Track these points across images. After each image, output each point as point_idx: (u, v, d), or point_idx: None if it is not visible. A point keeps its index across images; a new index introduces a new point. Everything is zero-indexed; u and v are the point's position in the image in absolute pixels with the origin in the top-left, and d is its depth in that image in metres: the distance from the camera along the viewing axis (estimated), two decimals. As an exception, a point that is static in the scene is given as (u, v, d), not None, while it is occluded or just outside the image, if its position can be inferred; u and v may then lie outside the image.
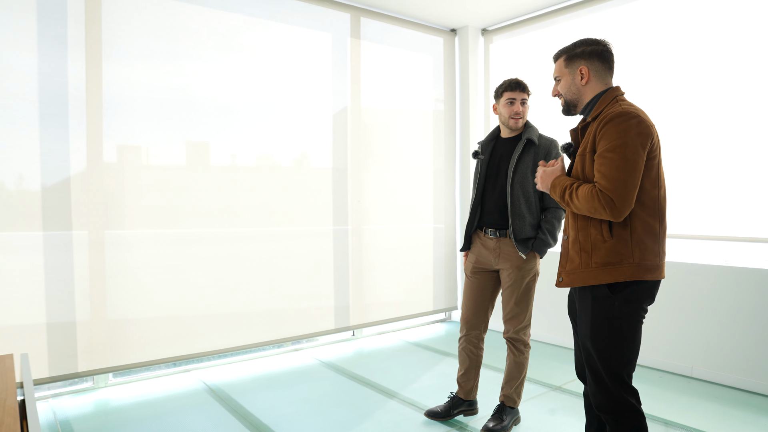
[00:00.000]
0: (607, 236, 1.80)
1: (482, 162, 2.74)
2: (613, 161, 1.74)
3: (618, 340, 1.81)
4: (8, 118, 3.03)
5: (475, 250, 2.77)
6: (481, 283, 2.76)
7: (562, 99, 2.00)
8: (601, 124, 1.80)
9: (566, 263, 1.93)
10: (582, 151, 1.88)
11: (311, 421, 2.84)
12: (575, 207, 1.85)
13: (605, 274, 1.80)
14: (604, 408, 1.84)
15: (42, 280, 3.15)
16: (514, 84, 2.64)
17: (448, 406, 2.84)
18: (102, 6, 3.29)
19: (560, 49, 2.00)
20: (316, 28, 4.20)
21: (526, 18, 4.63)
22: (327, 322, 4.31)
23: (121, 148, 3.40)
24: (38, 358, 3.12)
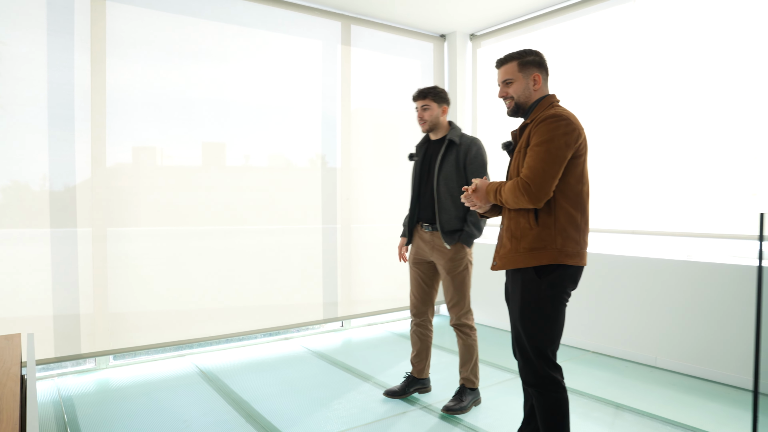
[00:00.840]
0: (534, 224, 2.01)
1: (416, 163, 3.02)
2: (538, 154, 1.96)
3: (543, 321, 2.01)
4: (19, 123, 3.33)
5: (414, 242, 3.05)
6: (423, 273, 3.05)
7: (511, 101, 2.16)
8: (535, 123, 2.03)
9: (500, 249, 2.14)
10: (519, 148, 2.10)
11: (288, 399, 3.10)
12: (505, 201, 2.06)
13: (531, 258, 2.00)
14: (530, 381, 2.06)
15: (49, 270, 3.46)
16: (416, 93, 2.93)
17: (404, 385, 3.12)
18: (107, 17, 3.58)
19: (508, 54, 2.17)
20: (308, 36, 4.45)
21: (513, 23, 4.82)
22: (315, 313, 4.56)
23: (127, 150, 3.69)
24: (45, 340, 3.42)
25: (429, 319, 3.11)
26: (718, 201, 3.50)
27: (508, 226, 2.10)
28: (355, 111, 4.75)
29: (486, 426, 2.73)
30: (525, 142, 2.05)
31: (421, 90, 2.92)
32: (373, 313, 4.88)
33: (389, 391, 3.13)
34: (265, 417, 2.86)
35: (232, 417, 2.86)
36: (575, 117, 2.03)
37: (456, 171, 2.84)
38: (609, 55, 4.10)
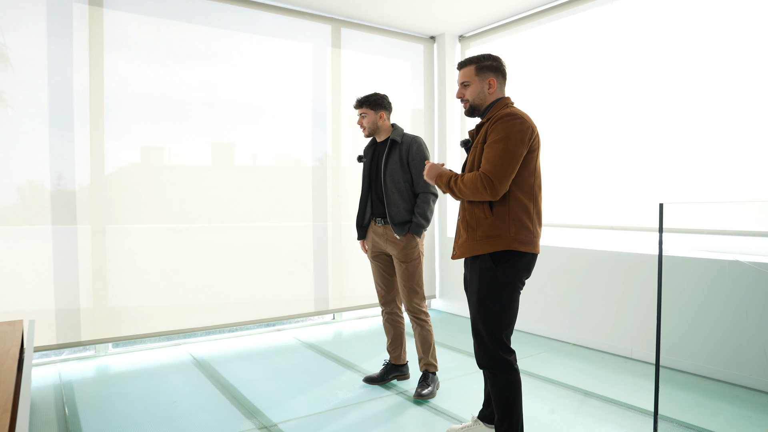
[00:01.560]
0: (488, 214, 2.14)
1: (366, 164, 3.24)
2: (497, 150, 2.09)
3: (498, 307, 2.15)
4: (23, 124, 3.54)
5: (369, 237, 3.22)
6: (382, 264, 3.24)
7: (466, 103, 2.30)
8: (491, 122, 2.16)
9: (458, 239, 2.28)
10: (475, 144, 2.23)
11: (273, 385, 3.28)
12: (459, 191, 2.19)
13: (487, 245, 2.14)
14: (484, 363, 2.21)
15: (51, 263, 3.66)
16: (354, 103, 3.16)
17: (383, 372, 3.30)
18: (104, 23, 3.78)
19: (467, 58, 2.31)
20: (298, 40, 4.63)
21: (501, 24, 4.96)
22: (307, 306, 4.74)
23: (123, 149, 3.89)
24: (47, 328, 3.63)
25: (398, 307, 3.29)
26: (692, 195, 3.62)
27: (464, 217, 2.24)
28: (345, 111, 4.92)
29: (453, 409, 2.88)
30: (482, 139, 2.18)
31: (358, 99, 3.14)
32: (363, 307, 5.05)
33: (368, 378, 3.29)
34: (249, 399, 3.04)
35: (218, 399, 3.04)
36: (528, 116, 2.18)
37: (401, 167, 3.05)
38: (591, 55, 4.23)
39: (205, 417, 2.79)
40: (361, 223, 3.24)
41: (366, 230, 3.23)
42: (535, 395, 3.09)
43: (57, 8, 3.62)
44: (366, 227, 3.23)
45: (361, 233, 3.25)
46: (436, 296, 5.51)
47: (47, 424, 2.73)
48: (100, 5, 3.76)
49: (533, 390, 3.17)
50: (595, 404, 2.94)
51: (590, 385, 3.25)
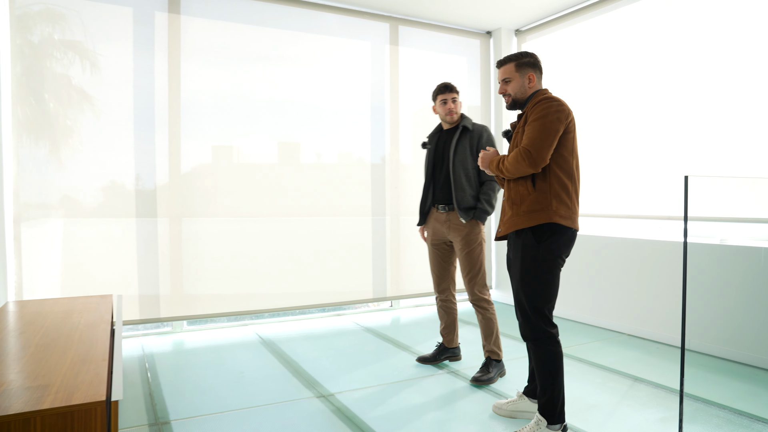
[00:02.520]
0: (531, 190, 2.28)
1: (429, 151, 3.31)
2: (535, 127, 2.25)
3: (540, 282, 2.28)
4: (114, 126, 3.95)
5: (430, 224, 3.31)
6: (440, 252, 3.33)
7: (509, 97, 2.46)
8: (531, 106, 2.34)
9: (503, 216, 2.42)
10: (518, 130, 2.39)
11: (331, 361, 3.50)
12: (506, 170, 2.33)
13: (530, 219, 2.27)
14: (528, 336, 2.34)
15: (135, 252, 4.06)
16: (443, 87, 3.20)
17: (436, 353, 3.44)
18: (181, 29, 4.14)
19: (507, 56, 2.47)
20: (357, 38, 4.84)
21: (557, 17, 4.97)
22: (366, 293, 4.95)
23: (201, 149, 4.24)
24: (131, 305, 4.03)
25: (452, 293, 3.40)
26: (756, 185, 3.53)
27: (509, 195, 2.38)
28: (402, 107, 5.09)
29: (508, 390, 2.99)
30: (523, 123, 2.35)
31: (450, 85, 3.21)
32: (419, 295, 5.21)
33: (421, 358, 3.44)
34: (308, 373, 3.27)
35: (280, 372, 3.29)
36: (565, 102, 2.31)
37: (470, 154, 3.14)
38: (646, 45, 4.18)
39: (269, 385, 3.05)
40: (423, 209, 3.33)
41: (426, 217, 3.33)
42: (583, 378, 3.14)
43: (141, 17, 4.01)
44: (427, 214, 3.32)
45: (422, 219, 3.34)
46: (492, 287, 5.58)
47: (133, 384, 3.07)
48: (177, 12, 4.13)
49: (581, 374, 3.22)
50: (643, 389, 2.96)
51: (640, 371, 3.26)
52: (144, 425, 2.53)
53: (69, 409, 1.67)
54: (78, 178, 3.89)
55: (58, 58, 3.84)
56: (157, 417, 2.62)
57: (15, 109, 3.70)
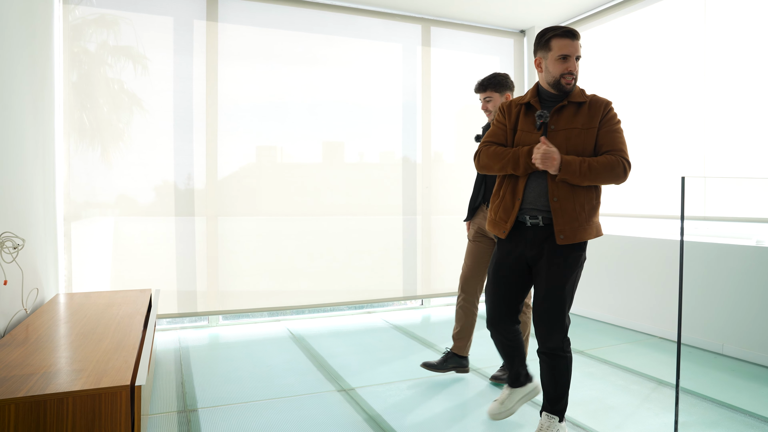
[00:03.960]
0: (595, 201, 2.18)
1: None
2: (622, 134, 2.15)
3: (575, 290, 2.23)
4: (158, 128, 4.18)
5: (477, 220, 3.12)
6: (481, 248, 3.09)
7: (573, 81, 2.16)
8: (600, 106, 2.16)
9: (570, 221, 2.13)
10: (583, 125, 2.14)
11: (357, 357, 3.59)
12: (595, 176, 2.08)
13: (593, 231, 2.16)
14: (557, 345, 2.20)
15: (174, 248, 4.28)
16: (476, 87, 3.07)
17: (443, 360, 3.14)
18: (218, 35, 4.33)
19: (577, 31, 2.16)
20: (389, 40, 4.92)
21: (590, 14, 4.89)
22: (396, 291, 5.03)
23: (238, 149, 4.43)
24: (170, 299, 4.25)
25: (477, 296, 3.12)
26: None
27: (577, 199, 2.13)
28: (434, 108, 5.13)
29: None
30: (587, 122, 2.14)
31: (481, 83, 3.02)
32: (450, 294, 5.24)
33: (427, 363, 3.14)
34: (333, 367, 3.38)
35: (307, 366, 3.41)
36: None
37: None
38: (678, 41, 4.07)
39: (294, 379, 3.17)
40: (472, 205, 3.17)
41: (474, 213, 3.16)
42: (605, 380, 3.11)
43: (181, 25, 4.22)
44: (476, 209, 3.14)
45: (469, 215, 3.18)
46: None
47: (167, 373, 3.26)
48: (215, 20, 4.32)
49: (603, 375, 3.19)
50: (667, 392, 2.91)
51: (666, 374, 3.20)
52: (174, 412, 2.69)
53: (97, 391, 1.82)
54: (125, 178, 4.14)
55: (111, 64, 4.09)
56: (186, 405, 2.78)
57: (72, 114, 3.97)
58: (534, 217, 2.19)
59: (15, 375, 1.95)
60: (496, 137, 2.31)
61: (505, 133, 2.30)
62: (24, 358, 2.14)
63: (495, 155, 2.25)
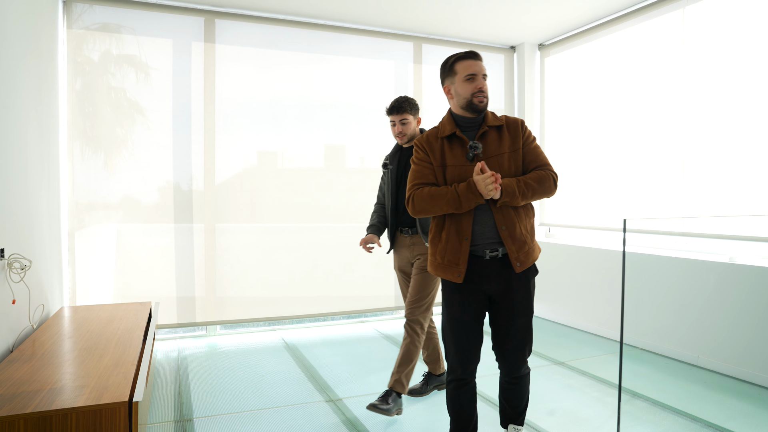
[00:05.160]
0: (534, 220, 2.20)
1: (391, 171, 3.04)
2: (540, 148, 2.19)
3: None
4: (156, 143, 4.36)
5: (398, 252, 3.10)
6: (407, 278, 3.11)
7: (485, 99, 2.13)
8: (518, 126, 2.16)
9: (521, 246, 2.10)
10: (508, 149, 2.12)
11: (346, 367, 3.76)
12: (532, 193, 2.07)
13: (538, 249, 2.18)
14: (526, 371, 2.25)
15: (173, 256, 4.46)
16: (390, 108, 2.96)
17: (424, 383, 3.21)
18: (216, 59, 4.51)
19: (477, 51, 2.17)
20: (381, 58, 5.09)
21: (580, 31, 5.04)
22: (387, 302, 5.20)
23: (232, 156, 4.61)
24: (169, 309, 4.42)
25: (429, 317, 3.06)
26: (762, 206, 3.55)
27: (524, 223, 2.13)
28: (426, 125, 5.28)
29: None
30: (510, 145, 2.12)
31: (397, 104, 2.89)
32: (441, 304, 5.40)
33: (412, 390, 3.16)
34: (323, 377, 3.55)
35: (298, 376, 3.58)
36: None
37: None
38: (664, 59, 4.23)
39: (284, 389, 3.34)
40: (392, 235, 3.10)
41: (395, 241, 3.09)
42: (581, 392, 3.27)
43: (180, 47, 4.40)
44: (394, 238, 3.09)
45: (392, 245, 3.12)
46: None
47: (166, 383, 3.43)
48: (213, 41, 4.49)
49: (580, 387, 3.35)
50: (640, 405, 3.07)
51: (641, 387, 3.35)
52: (170, 422, 2.86)
53: (98, 407, 1.99)
54: (126, 186, 4.32)
55: (113, 73, 4.28)
56: (183, 415, 2.95)
57: (76, 122, 4.15)
58: (493, 250, 2.10)
59: (23, 391, 2.13)
60: (425, 177, 2.15)
61: (433, 171, 2.15)
62: (31, 375, 2.32)
63: (431, 197, 2.08)
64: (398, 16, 4.77)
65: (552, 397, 3.19)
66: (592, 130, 4.95)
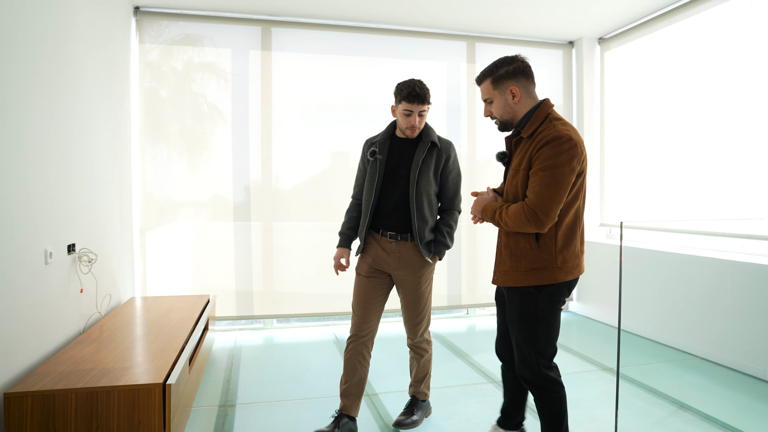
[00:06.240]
0: (534, 245, 2.03)
1: (379, 162, 2.58)
2: (543, 179, 1.94)
3: (542, 329, 2.09)
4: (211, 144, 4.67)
5: (371, 251, 2.64)
6: (377, 285, 2.64)
7: (497, 120, 2.15)
8: (537, 146, 1.98)
9: (500, 264, 2.17)
10: (516, 166, 2.08)
11: (388, 363, 3.84)
12: (504, 224, 2.07)
13: (533, 278, 2.04)
14: (531, 381, 2.14)
15: (232, 252, 4.75)
16: (413, 95, 2.46)
17: (333, 427, 2.58)
18: (272, 62, 4.75)
19: (481, 72, 2.13)
20: (433, 59, 5.12)
21: (642, 22, 4.80)
22: (440, 300, 5.22)
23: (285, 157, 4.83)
24: (229, 302, 4.71)
25: (371, 342, 2.68)
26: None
27: (507, 243, 2.13)
28: (480, 127, 5.26)
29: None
30: (525, 162, 2.04)
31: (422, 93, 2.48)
32: (492, 305, 5.34)
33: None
34: (363, 372, 3.65)
35: (341, 369, 3.70)
36: (576, 132, 2.01)
37: (434, 177, 2.58)
38: (733, 48, 3.95)
39: (326, 381, 3.47)
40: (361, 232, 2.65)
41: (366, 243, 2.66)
42: (623, 401, 3.14)
43: (239, 54, 4.68)
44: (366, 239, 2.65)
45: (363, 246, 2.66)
46: (573, 299, 5.53)
47: (219, 370, 3.68)
48: (269, 49, 4.73)
49: (624, 396, 3.22)
50: (686, 418, 2.91)
51: (691, 398, 3.17)
52: (215, 406, 3.07)
53: (137, 387, 2.21)
54: (192, 188, 4.66)
55: (195, 80, 4.65)
56: (228, 400, 3.16)
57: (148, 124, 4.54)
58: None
59: (80, 369, 2.39)
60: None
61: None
62: (90, 355, 2.59)
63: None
64: (452, 16, 4.78)
65: (593, 402, 3.10)
66: (654, 126, 4.70)
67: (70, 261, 2.96)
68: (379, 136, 2.66)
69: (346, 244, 2.74)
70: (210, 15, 4.59)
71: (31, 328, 2.51)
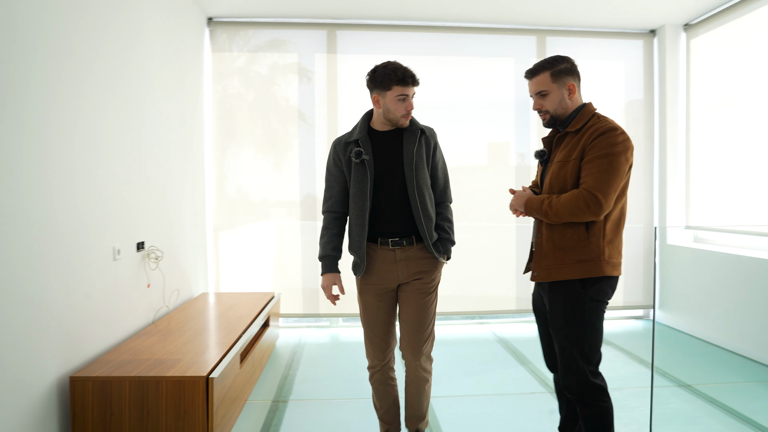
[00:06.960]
0: (584, 236, 1.99)
1: (367, 163, 2.25)
2: (601, 165, 1.94)
3: (588, 331, 2.01)
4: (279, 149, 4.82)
5: (375, 270, 2.30)
6: (389, 305, 2.36)
7: (546, 114, 2.12)
8: (592, 136, 1.98)
9: (541, 260, 2.09)
10: (564, 158, 2.06)
11: (445, 366, 3.77)
12: (555, 213, 2.00)
13: (580, 270, 1.99)
14: (575, 390, 2.04)
15: (299, 250, 4.88)
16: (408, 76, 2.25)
17: None
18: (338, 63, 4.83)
19: (539, 64, 2.10)
20: (500, 56, 4.97)
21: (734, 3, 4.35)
22: (508, 304, 5.05)
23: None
24: (295, 300, 4.85)
25: (393, 365, 2.46)
26: None
27: (550, 236, 2.07)
28: (549, 118, 5.03)
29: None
30: (577, 153, 2.01)
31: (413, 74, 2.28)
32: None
33: None
34: (418, 375, 3.61)
35: (396, 371, 3.69)
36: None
37: (425, 165, 2.32)
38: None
39: (379, 382, 3.47)
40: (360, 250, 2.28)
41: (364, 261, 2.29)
42: (699, 423, 2.86)
43: (305, 57, 4.81)
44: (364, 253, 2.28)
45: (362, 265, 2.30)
46: (656, 307, 5.14)
47: (279, 366, 3.79)
48: (334, 52, 4.81)
49: (699, 417, 2.93)
50: (768, 441, 2.60)
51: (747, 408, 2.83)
52: (269, 400, 3.17)
53: (183, 378, 2.32)
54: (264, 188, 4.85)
55: (278, 83, 4.86)
56: (281, 395, 3.24)
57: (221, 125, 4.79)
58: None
59: (138, 359, 2.56)
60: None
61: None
62: (149, 346, 2.77)
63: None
64: (520, 11, 4.61)
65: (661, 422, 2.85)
66: (748, 122, 4.25)
67: (139, 258, 3.17)
68: (356, 133, 2.30)
69: (334, 268, 2.37)
70: (277, 22, 4.75)
71: (100, 319, 2.71)
